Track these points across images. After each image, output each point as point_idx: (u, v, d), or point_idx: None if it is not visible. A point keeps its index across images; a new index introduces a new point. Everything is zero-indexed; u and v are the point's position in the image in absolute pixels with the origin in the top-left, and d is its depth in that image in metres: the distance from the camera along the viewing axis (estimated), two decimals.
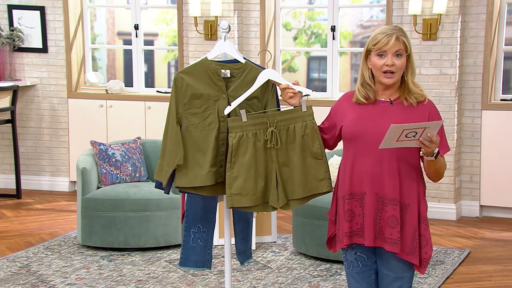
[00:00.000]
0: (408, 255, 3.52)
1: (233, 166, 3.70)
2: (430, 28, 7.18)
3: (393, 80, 3.49)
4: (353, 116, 3.56)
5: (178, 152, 3.86)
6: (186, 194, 4.18)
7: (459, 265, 5.94)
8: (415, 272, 3.70)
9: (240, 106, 3.76)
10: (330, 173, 3.78)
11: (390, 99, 3.54)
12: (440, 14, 7.13)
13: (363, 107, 3.55)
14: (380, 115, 3.50)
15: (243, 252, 4.34)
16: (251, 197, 3.70)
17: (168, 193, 4.08)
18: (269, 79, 3.80)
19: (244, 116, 3.68)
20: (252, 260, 5.78)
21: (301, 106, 3.69)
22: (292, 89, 3.68)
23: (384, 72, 3.48)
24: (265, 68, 3.95)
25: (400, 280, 3.58)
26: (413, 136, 3.35)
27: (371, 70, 3.54)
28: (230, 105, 3.76)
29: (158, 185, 4.10)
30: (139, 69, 8.50)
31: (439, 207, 7.36)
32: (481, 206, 7.48)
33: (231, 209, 4.30)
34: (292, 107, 3.70)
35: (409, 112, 3.50)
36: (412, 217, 3.51)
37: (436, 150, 3.40)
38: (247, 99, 3.91)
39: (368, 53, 3.53)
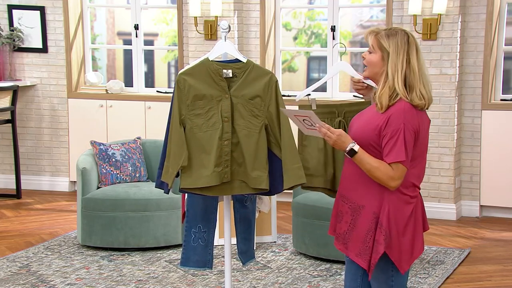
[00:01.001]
0: (357, 256, 3.49)
1: (305, 149, 3.81)
2: (430, 28, 7.18)
3: (365, 73, 3.54)
4: None
5: (182, 154, 3.86)
6: (186, 194, 4.18)
7: (459, 265, 5.94)
8: (408, 276, 3.64)
9: (311, 97, 3.83)
10: None
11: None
12: (440, 14, 7.12)
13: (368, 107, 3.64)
14: (360, 115, 3.55)
15: (245, 252, 4.34)
16: (321, 179, 3.79)
17: (168, 193, 4.09)
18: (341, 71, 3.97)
19: (314, 104, 3.73)
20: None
21: (369, 100, 3.73)
22: (363, 82, 3.71)
23: None
24: (266, 69, 3.98)
25: (376, 280, 3.54)
26: (313, 126, 3.37)
27: None
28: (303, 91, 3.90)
29: (158, 185, 4.10)
30: (139, 69, 8.49)
31: (439, 207, 7.36)
32: (481, 206, 7.48)
33: (232, 210, 4.30)
34: (360, 100, 3.76)
35: (371, 115, 3.47)
36: (365, 220, 3.45)
37: (348, 147, 3.37)
38: (250, 98, 3.91)
39: None
